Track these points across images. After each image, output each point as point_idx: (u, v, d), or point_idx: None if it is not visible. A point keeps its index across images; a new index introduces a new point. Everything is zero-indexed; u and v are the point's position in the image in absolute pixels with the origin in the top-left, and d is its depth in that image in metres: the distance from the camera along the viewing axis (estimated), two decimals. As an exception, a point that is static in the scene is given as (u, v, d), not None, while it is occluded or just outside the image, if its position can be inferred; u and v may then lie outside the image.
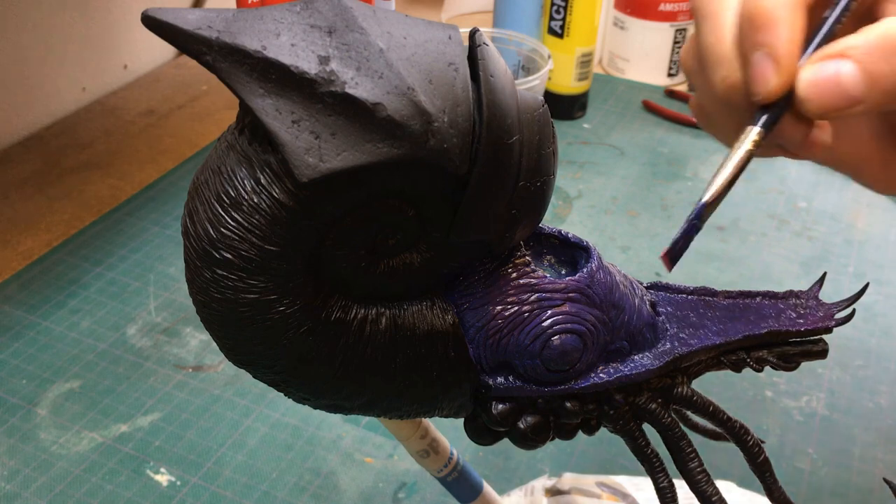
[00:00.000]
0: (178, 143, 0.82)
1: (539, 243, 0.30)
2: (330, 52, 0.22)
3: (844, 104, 0.26)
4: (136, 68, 0.94)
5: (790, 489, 0.31)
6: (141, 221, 0.69)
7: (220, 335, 0.25)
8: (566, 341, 0.27)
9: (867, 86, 0.25)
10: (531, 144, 0.25)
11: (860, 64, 0.25)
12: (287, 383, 0.26)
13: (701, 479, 0.29)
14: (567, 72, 0.83)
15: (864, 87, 0.25)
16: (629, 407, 0.29)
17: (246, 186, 0.23)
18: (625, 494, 0.44)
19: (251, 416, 0.52)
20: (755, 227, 0.71)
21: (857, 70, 0.25)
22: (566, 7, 0.80)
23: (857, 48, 0.25)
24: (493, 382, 0.28)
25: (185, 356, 0.57)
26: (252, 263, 0.23)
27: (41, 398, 0.53)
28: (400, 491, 0.48)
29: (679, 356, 0.29)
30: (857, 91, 0.25)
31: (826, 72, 0.25)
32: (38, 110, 0.83)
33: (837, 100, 0.26)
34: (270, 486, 0.48)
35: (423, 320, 0.26)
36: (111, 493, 0.47)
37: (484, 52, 0.24)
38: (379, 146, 0.22)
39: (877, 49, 0.25)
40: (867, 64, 0.25)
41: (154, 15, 0.22)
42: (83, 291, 0.62)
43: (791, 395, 0.55)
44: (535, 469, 0.49)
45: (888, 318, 0.61)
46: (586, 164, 0.80)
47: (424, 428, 0.33)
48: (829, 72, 0.25)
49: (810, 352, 0.30)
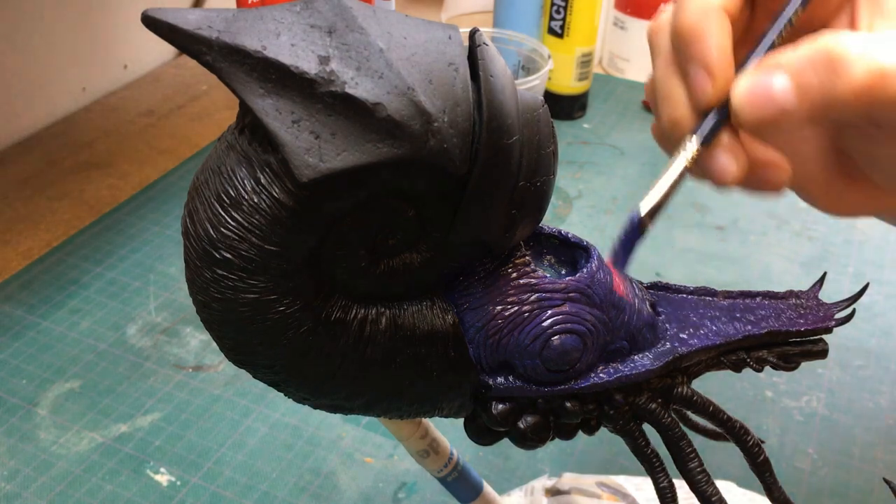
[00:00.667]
0: (178, 143, 0.82)
1: (539, 243, 0.30)
2: (330, 52, 0.22)
3: (776, 116, 0.26)
4: (136, 68, 0.94)
5: (790, 489, 0.31)
6: (141, 221, 0.69)
7: (220, 335, 0.25)
8: (566, 341, 0.27)
9: (798, 98, 0.25)
10: (531, 144, 0.25)
11: (792, 76, 0.25)
12: (287, 383, 0.26)
13: (701, 479, 0.29)
14: (567, 72, 0.83)
15: (795, 99, 0.25)
16: (629, 407, 0.29)
17: (246, 186, 0.23)
18: (625, 494, 0.44)
19: (251, 416, 0.52)
20: (755, 227, 0.71)
21: (789, 81, 0.25)
22: (566, 7, 0.80)
23: (790, 61, 0.26)
24: (493, 382, 0.28)
25: (185, 356, 0.57)
26: (252, 263, 0.23)
27: (41, 398, 0.53)
28: (400, 491, 0.48)
29: (679, 356, 0.29)
30: (788, 103, 0.26)
31: (760, 82, 0.26)
32: (38, 110, 0.83)
33: (769, 111, 0.26)
34: (270, 486, 0.48)
35: (423, 320, 0.26)
36: (111, 493, 0.47)
37: (484, 52, 0.24)
38: (379, 146, 0.22)
39: (808, 62, 0.25)
40: (798, 76, 0.25)
41: (154, 15, 0.22)
42: (83, 291, 0.62)
43: (791, 395, 0.55)
44: (535, 469, 0.49)
45: (888, 318, 0.61)
46: (586, 164, 0.80)
47: (424, 428, 0.33)
48: (762, 83, 0.26)
49: (810, 352, 0.30)
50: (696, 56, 0.28)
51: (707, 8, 0.28)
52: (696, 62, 0.28)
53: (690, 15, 0.28)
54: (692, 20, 0.28)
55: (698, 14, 0.28)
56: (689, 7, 0.28)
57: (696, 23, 0.28)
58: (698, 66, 0.28)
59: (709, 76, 0.27)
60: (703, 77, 0.28)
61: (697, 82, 0.28)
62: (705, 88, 0.28)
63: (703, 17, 0.28)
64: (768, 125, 0.26)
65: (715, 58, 0.27)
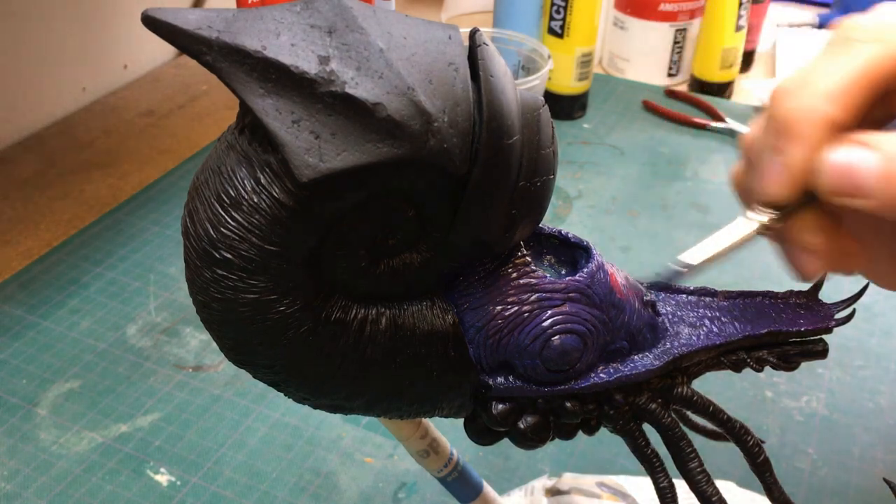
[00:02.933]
0: (178, 143, 0.82)
1: (539, 243, 0.30)
2: (330, 52, 0.22)
3: (852, 192, 0.25)
4: (136, 68, 0.94)
5: (790, 489, 0.31)
6: (141, 221, 0.69)
7: (220, 335, 0.25)
8: (566, 341, 0.27)
9: (881, 183, 0.25)
10: (531, 144, 0.25)
11: (885, 160, 0.25)
12: (287, 383, 0.26)
13: (701, 479, 0.29)
14: (567, 72, 0.83)
15: (876, 185, 0.25)
16: (629, 407, 0.29)
17: (246, 186, 0.23)
18: (625, 494, 0.44)
19: (251, 416, 0.52)
20: (755, 227, 0.71)
21: (878, 164, 0.25)
22: (566, 7, 0.80)
23: (889, 145, 0.25)
24: (493, 382, 0.28)
25: (185, 356, 0.57)
26: (252, 263, 0.23)
27: (41, 398, 0.53)
28: (400, 491, 0.48)
29: (679, 356, 0.29)
30: (869, 186, 0.25)
31: (848, 155, 0.25)
32: (38, 110, 0.83)
33: (847, 187, 0.25)
34: (270, 486, 0.48)
35: (423, 320, 0.26)
36: (111, 493, 0.47)
37: (484, 52, 0.24)
38: (379, 146, 0.22)
39: None
40: (889, 163, 0.25)
41: (154, 15, 0.22)
42: (83, 291, 0.62)
43: (791, 395, 0.55)
44: (535, 469, 0.49)
45: (888, 318, 0.61)
46: (586, 164, 0.80)
47: (424, 428, 0.33)
48: (850, 156, 0.25)
49: (810, 352, 0.30)
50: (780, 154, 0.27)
51: (812, 111, 0.26)
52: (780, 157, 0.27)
53: (792, 113, 0.27)
54: (792, 119, 0.27)
55: (800, 115, 0.27)
56: (796, 104, 0.27)
57: (795, 125, 0.27)
58: (779, 165, 0.27)
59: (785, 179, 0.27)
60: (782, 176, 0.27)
61: (773, 172, 0.27)
62: (778, 188, 0.27)
63: (802, 122, 0.26)
64: (844, 199, 0.26)
65: (800, 169, 0.26)
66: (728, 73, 0.90)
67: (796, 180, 0.27)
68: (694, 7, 0.90)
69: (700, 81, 0.91)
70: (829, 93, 0.26)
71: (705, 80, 0.91)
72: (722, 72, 0.90)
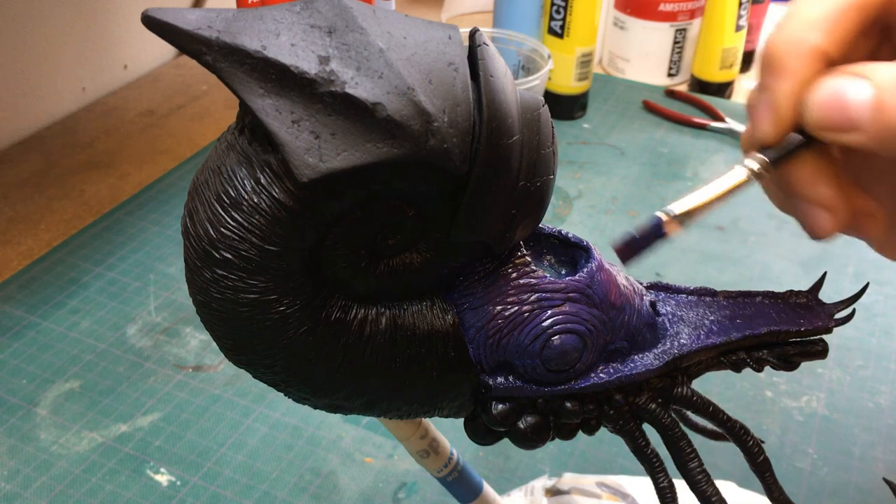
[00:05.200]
0: (178, 143, 0.82)
1: (539, 243, 0.30)
2: (330, 52, 0.22)
3: (843, 126, 0.24)
4: (136, 68, 0.94)
5: (790, 489, 0.31)
6: (141, 221, 0.69)
7: (219, 335, 0.25)
8: (566, 341, 0.27)
9: (872, 116, 0.24)
10: (531, 144, 0.25)
11: (877, 91, 0.23)
12: (287, 383, 0.26)
13: (701, 479, 0.29)
14: (567, 72, 0.83)
15: (869, 117, 0.24)
16: (629, 407, 0.29)
17: (246, 186, 0.23)
18: (625, 494, 0.44)
19: (251, 416, 0.52)
20: (755, 227, 0.71)
21: (870, 96, 0.24)
22: (566, 7, 0.80)
23: (882, 75, 0.24)
24: (493, 382, 0.28)
25: (185, 356, 0.57)
26: (252, 263, 0.23)
27: (41, 398, 0.53)
28: (400, 491, 0.48)
29: (679, 356, 0.29)
30: (862, 118, 0.24)
31: (838, 87, 0.24)
32: (38, 110, 0.83)
33: (837, 120, 0.24)
34: (270, 486, 0.48)
35: (423, 320, 0.26)
36: (111, 493, 0.47)
37: (484, 52, 0.24)
38: (379, 146, 0.22)
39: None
40: (883, 93, 0.23)
41: (154, 15, 0.22)
42: (83, 291, 0.62)
43: (791, 395, 0.55)
44: (535, 469, 0.49)
45: (888, 318, 0.61)
46: (586, 164, 0.80)
47: (424, 428, 0.33)
48: (840, 87, 0.24)
49: (810, 352, 0.30)
50: (768, 88, 0.26)
51: (797, 43, 0.26)
52: (766, 94, 0.26)
53: (777, 46, 0.26)
54: (776, 53, 0.26)
55: (785, 47, 0.26)
56: (780, 36, 0.26)
57: (780, 59, 0.26)
58: (767, 103, 0.26)
59: (772, 120, 0.26)
60: (767, 116, 0.26)
61: (759, 116, 0.26)
62: (764, 128, 0.26)
63: (787, 55, 0.26)
64: (833, 133, 0.25)
65: (784, 105, 0.26)
66: (728, 73, 0.90)
67: (784, 117, 0.26)
68: (694, 7, 0.90)
69: (700, 81, 0.91)
70: (814, 21, 0.25)
71: (705, 80, 0.91)
72: (722, 72, 0.90)
